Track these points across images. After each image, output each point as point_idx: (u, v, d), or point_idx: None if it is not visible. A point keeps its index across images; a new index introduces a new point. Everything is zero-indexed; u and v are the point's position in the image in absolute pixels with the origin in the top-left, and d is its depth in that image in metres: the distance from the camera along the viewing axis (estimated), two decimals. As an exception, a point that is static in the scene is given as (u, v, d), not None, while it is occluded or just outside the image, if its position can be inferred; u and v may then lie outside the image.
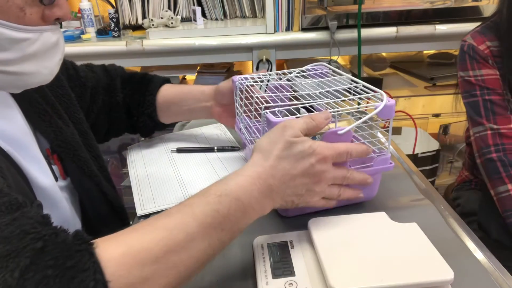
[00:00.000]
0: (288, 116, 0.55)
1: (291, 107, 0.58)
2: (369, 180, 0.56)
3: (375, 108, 0.55)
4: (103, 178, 0.68)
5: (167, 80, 0.86)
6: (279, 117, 0.55)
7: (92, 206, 0.66)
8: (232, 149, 0.84)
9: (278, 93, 0.61)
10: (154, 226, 0.40)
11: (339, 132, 0.55)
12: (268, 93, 0.64)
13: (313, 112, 0.58)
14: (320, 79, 0.68)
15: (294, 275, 0.48)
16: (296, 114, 0.56)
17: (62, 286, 0.31)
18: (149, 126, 0.84)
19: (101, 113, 0.80)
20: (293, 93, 0.62)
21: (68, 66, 0.75)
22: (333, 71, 0.70)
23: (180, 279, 0.40)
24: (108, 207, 0.69)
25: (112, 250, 0.36)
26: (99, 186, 0.66)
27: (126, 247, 0.36)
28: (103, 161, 0.71)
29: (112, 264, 0.35)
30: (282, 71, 0.74)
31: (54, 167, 0.61)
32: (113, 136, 0.87)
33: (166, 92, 0.82)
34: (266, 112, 0.55)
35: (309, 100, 0.59)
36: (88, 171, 0.64)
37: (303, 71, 0.73)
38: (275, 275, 0.48)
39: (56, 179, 0.60)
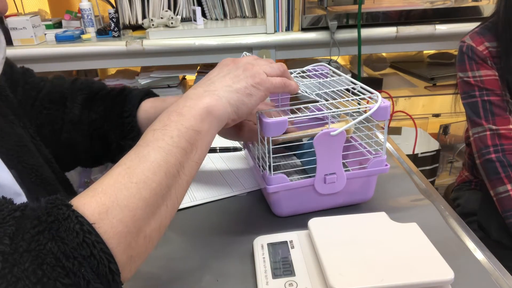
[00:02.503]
0: (281, 116, 0.55)
1: (286, 108, 0.58)
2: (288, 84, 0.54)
3: (370, 110, 0.55)
4: (62, 187, 0.59)
5: (147, 94, 0.70)
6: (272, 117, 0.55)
7: None
8: (234, 149, 0.85)
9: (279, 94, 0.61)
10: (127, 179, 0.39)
11: (331, 133, 0.55)
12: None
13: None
14: (318, 80, 0.68)
15: (294, 275, 0.48)
16: (289, 115, 0.56)
17: (52, 237, 0.32)
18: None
19: (43, 129, 0.65)
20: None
21: (14, 70, 0.65)
22: (333, 71, 0.70)
23: (166, 215, 0.41)
24: None
25: (87, 201, 0.36)
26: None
27: (102, 196, 0.37)
28: (58, 169, 0.61)
29: (90, 211, 0.35)
30: None
31: None
32: (73, 166, 0.71)
33: (147, 111, 0.67)
34: (260, 113, 0.56)
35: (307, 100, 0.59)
36: (38, 180, 0.54)
37: (303, 71, 0.74)
38: (275, 275, 0.48)
39: None
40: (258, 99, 0.50)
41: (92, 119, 0.67)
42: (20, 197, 0.48)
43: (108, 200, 0.36)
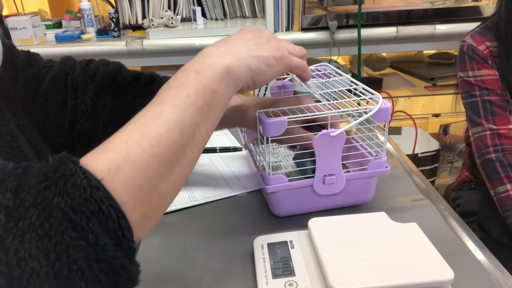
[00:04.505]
0: (281, 116, 0.55)
1: (285, 108, 0.58)
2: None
3: (370, 111, 0.55)
4: None
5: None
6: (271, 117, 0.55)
7: None
8: (234, 149, 0.85)
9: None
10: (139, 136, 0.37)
11: (331, 134, 0.55)
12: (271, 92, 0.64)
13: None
14: (321, 80, 0.68)
15: (294, 275, 0.48)
16: (289, 115, 0.56)
17: (59, 192, 0.31)
18: None
19: (51, 120, 0.62)
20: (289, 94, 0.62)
21: (17, 56, 0.62)
22: (336, 72, 0.70)
23: (182, 171, 0.39)
24: None
25: (97, 158, 0.34)
26: None
27: (112, 153, 0.35)
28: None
29: (99, 168, 0.33)
30: None
31: None
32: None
33: None
34: (260, 112, 0.56)
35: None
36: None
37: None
38: (275, 275, 0.48)
39: None
40: (276, 73, 0.49)
41: (118, 108, 0.63)
42: None
43: (119, 156, 0.35)
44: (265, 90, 1.37)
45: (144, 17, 1.65)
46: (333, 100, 0.58)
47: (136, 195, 0.35)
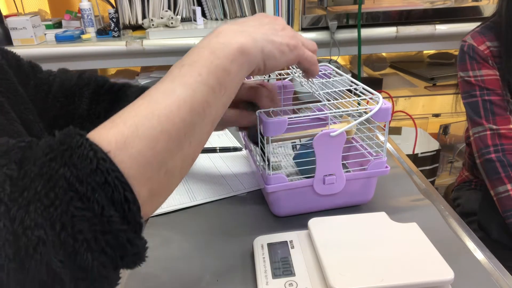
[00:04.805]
0: (281, 115, 0.55)
1: (286, 108, 0.58)
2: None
3: (371, 111, 0.55)
4: None
5: (145, 89, 0.74)
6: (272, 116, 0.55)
7: None
8: (234, 149, 0.85)
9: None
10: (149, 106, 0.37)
11: (331, 134, 0.55)
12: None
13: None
14: (321, 80, 0.68)
15: (294, 275, 0.48)
16: (289, 114, 0.56)
17: (65, 164, 0.31)
18: None
19: (58, 122, 0.68)
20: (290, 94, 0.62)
21: (23, 63, 0.66)
22: (336, 72, 0.70)
23: (192, 148, 0.39)
24: None
25: (105, 132, 0.34)
26: None
27: (121, 127, 0.35)
28: None
29: (107, 141, 0.33)
30: (286, 70, 0.74)
31: None
32: None
33: None
34: (260, 112, 0.56)
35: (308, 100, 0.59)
36: None
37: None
38: (275, 275, 0.48)
39: None
40: (288, 61, 0.49)
41: (98, 113, 0.68)
42: None
43: (128, 130, 0.34)
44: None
45: (144, 17, 1.65)
46: (333, 100, 0.58)
47: (144, 170, 0.34)
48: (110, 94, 0.70)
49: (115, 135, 0.34)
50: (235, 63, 0.42)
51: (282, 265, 0.49)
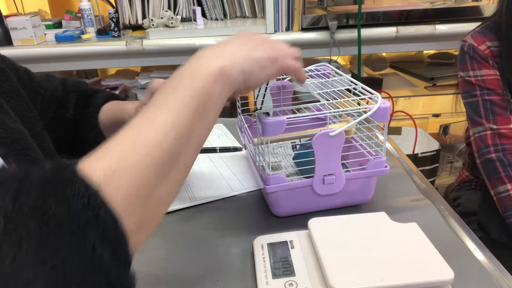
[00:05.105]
0: (279, 116, 0.55)
1: (285, 108, 0.58)
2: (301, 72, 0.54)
3: (369, 110, 0.55)
4: None
5: (112, 97, 0.75)
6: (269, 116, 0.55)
7: None
8: (234, 149, 0.85)
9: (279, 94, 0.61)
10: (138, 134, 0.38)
11: (330, 134, 0.55)
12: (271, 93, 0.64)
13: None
14: (320, 80, 0.68)
15: (294, 275, 0.48)
16: (288, 114, 0.56)
17: (57, 199, 0.31)
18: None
19: (51, 125, 0.70)
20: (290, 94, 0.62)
21: (18, 68, 0.68)
22: (336, 72, 0.70)
23: (179, 176, 0.40)
24: None
25: (94, 164, 0.35)
26: None
27: (109, 158, 0.35)
28: None
29: (96, 174, 0.33)
30: None
31: None
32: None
33: (107, 111, 0.72)
34: (259, 112, 0.56)
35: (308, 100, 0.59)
36: None
37: (306, 71, 0.73)
38: (275, 275, 0.48)
39: None
40: (270, 75, 0.49)
41: (76, 117, 0.72)
42: None
43: (116, 162, 0.35)
44: (265, 91, 1.37)
45: (144, 17, 1.65)
46: (332, 100, 0.58)
47: (132, 202, 0.35)
48: (84, 101, 0.73)
49: (103, 168, 0.34)
50: (216, 86, 0.43)
51: (282, 265, 0.49)
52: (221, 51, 0.47)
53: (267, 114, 0.57)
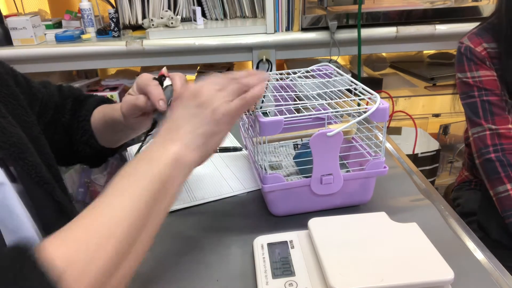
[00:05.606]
0: (278, 116, 0.55)
1: (284, 108, 0.58)
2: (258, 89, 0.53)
3: (368, 111, 0.55)
4: (58, 187, 0.61)
5: (103, 101, 0.77)
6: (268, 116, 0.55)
7: (47, 216, 0.58)
8: (234, 149, 0.85)
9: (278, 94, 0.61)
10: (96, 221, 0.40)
11: (328, 134, 0.55)
12: (273, 93, 0.64)
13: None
14: (321, 80, 0.68)
15: (294, 275, 0.48)
16: (287, 114, 0.56)
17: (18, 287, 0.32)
18: (89, 154, 0.75)
19: (47, 130, 0.71)
20: (290, 93, 0.62)
21: (16, 73, 0.69)
22: (337, 72, 0.70)
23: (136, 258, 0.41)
24: (65, 219, 0.62)
25: (55, 251, 0.36)
26: (51, 195, 0.58)
27: (70, 246, 0.37)
28: (57, 171, 0.64)
29: (57, 262, 0.34)
30: (287, 71, 0.74)
31: None
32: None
33: (98, 113, 0.73)
34: (257, 112, 0.56)
35: (307, 100, 0.59)
36: (37, 177, 0.56)
37: (308, 71, 0.74)
38: (275, 275, 0.48)
39: None
40: (224, 135, 0.51)
41: (70, 122, 0.74)
42: (2, 186, 0.50)
43: (76, 247, 0.36)
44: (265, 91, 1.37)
45: (144, 17, 1.65)
46: (330, 100, 0.58)
47: (94, 284, 0.36)
48: (77, 107, 0.75)
49: (64, 253, 0.35)
50: (174, 170, 0.46)
51: (282, 265, 0.49)
52: (172, 137, 0.48)
53: (266, 114, 0.57)
